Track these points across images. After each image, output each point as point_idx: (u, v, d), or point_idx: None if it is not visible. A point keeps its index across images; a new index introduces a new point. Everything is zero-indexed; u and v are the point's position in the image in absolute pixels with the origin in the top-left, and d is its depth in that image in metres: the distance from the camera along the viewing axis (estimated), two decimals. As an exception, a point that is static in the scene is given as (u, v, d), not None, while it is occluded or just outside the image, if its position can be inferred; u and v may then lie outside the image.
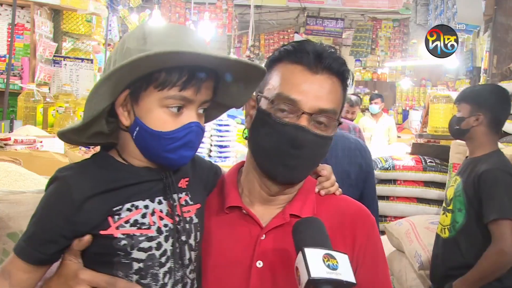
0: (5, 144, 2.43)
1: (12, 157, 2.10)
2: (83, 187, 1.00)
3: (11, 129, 3.27)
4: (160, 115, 0.99)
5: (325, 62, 1.13)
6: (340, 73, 1.16)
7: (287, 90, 1.12)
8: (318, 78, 1.13)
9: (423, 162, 4.22)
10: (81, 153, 2.88)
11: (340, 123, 1.18)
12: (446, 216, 2.61)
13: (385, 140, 7.20)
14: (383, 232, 3.83)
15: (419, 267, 2.99)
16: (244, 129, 1.29)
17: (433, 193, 4.14)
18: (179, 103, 0.99)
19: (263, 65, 1.18)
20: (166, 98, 0.99)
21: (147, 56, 0.93)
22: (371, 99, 7.64)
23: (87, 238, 1.00)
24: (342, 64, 1.16)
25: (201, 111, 1.04)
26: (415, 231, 3.24)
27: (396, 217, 4.02)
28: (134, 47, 0.98)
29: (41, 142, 2.61)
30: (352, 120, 5.43)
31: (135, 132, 1.02)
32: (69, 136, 1.08)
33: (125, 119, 1.02)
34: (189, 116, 1.01)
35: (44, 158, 2.31)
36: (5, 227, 1.44)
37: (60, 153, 2.48)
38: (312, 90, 1.12)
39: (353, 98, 5.59)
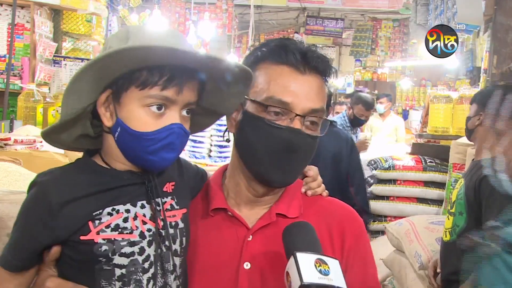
0: (5, 144, 2.43)
1: (12, 157, 2.10)
2: (61, 192, 0.98)
3: (11, 129, 3.27)
4: (142, 115, 0.97)
5: (312, 62, 1.13)
6: (325, 72, 1.17)
7: (277, 93, 1.11)
8: (306, 78, 1.13)
9: (423, 162, 4.23)
10: (81, 153, 2.86)
11: (330, 122, 1.18)
12: (448, 219, 2.57)
13: (392, 140, 7.18)
14: (383, 232, 3.84)
15: (419, 267, 2.98)
16: (225, 131, 1.27)
17: (433, 193, 4.15)
18: (160, 103, 0.97)
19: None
20: (147, 97, 0.97)
21: (123, 50, 0.91)
22: (377, 99, 7.64)
23: (56, 249, 0.99)
24: (327, 63, 1.16)
25: (185, 113, 1.02)
26: (415, 231, 3.24)
27: (396, 217, 4.03)
28: (116, 45, 0.96)
29: (41, 142, 2.60)
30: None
31: (117, 133, 1.00)
32: (54, 137, 1.05)
33: (107, 120, 1.00)
34: (172, 117, 0.98)
35: (44, 158, 2.31)
36: (5, 227, 1.44)
37: (60, 153, 2.46)
38: (302, 91, 1.12)
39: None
